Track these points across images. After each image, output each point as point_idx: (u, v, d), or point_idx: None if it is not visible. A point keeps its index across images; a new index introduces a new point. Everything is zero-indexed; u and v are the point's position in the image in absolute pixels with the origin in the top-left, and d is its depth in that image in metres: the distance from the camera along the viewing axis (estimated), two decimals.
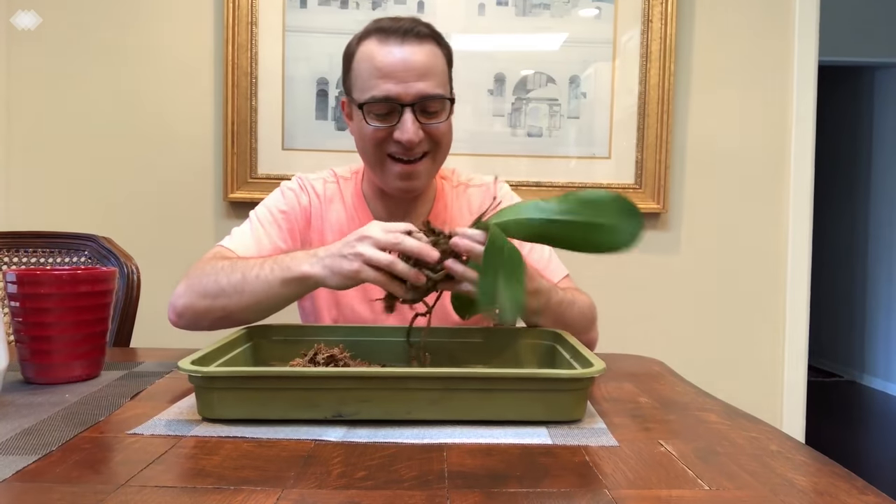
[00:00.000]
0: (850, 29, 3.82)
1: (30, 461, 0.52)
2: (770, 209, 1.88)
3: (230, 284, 0.87)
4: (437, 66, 1.00)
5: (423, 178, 1.03)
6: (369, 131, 0.99)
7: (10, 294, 0.76)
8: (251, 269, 0.87)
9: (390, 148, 1.00)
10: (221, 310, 0.88)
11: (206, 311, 0.89)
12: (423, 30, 1.00)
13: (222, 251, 1.00)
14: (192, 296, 0.90)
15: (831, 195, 4.62)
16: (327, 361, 0.75)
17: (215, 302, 0.88)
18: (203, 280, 0.90)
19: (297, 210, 1.09)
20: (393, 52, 0.97)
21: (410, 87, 0.96)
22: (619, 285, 1.87)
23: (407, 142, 0.97)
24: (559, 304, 0.93)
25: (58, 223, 1.79)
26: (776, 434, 0.62)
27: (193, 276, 0.92)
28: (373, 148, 1.01)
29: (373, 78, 0.97)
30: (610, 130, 1.84)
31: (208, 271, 0.91)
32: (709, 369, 1.86)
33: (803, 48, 1.85)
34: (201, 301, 0.89)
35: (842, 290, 4.59)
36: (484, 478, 0.50)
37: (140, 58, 1.83)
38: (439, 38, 1.03)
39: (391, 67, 0.96)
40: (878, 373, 4.23)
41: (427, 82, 0.97)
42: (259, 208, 1.09)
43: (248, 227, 1.06)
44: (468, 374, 0.65)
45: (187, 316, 0.91)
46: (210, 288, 0.89)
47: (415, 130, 0.97)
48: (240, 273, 0.87)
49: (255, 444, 0.57)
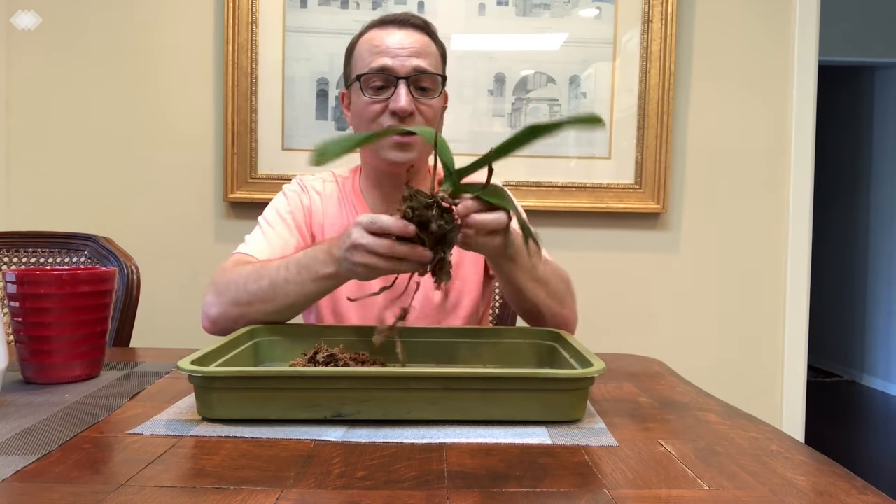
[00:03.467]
0: (850, 29, 3.82)
1: (30, 461, 0.52)
2: (770, 209, 1.88)
3: (261, 290, 0.89)
4: (432, 50, 1.06)
5: (416, 151, 1.04)
6: (365, 104, 1.03)
7: (10, 294, 0.76)
8: (277, 274, 0.89)
9: (385, 121, 1.03)
10: (257, 313, 0.90)
11: (241, 317, 0.91)
12: (419, 21, 1.07)
13: (242, 258, 1.02)
14: (224, 305, 0.92)
15: (831, 195, 4.62)
16: (327, 361, 0.75)
17: (249, 308, 0.90)
18: (231, 288, 0.92)
19: (301, 209, 1.12)
20: (391, 33, 1.04)
21: (406, 61, 1.02)
22: (619, 285, 1.87)
23: (400, 110, 1.00)
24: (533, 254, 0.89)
25: (58, 223, 1.80)
26: (776, 434, 0.62)
27: (221, 284, 0.94)
28: (369, 122, 1.04)
29: (371, 55, 1.03)
30: (610, 130, 1.84)
31: (235, 279, 0.93)
32: (709, 369, 1.86)
33: (803, 48, 1.85)
34: (234, 309, 0.91)
35: (842, 290, 4.59)
36: (483, 478, 0.50)
37: (140, 58, 1.83)
38: (434, 34, 1.09)
39: (388, 44, 1.03)
40: (878, 373, 4.23)
41: (421, 59, 1.03)
42: (266, 212, 1.12)
43: (260, 231, 1.08)
44: (468, 374, 0.65)
45: (222, 323, 0.93)
46: (241, 296, 0.91)
47: (408, 101, 1.01)
48: (267, 279, 0.89)
49: (254, 444, 0.57)
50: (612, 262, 1.87)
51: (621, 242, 1.87)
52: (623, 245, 1.87)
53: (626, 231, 1.87)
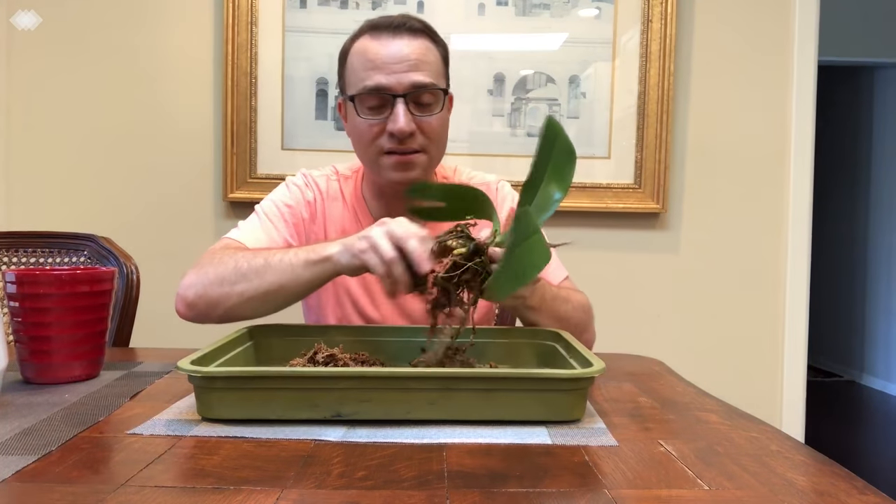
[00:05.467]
0: (850, 29, 3.82)
1: (29, 461, 0.52)
2: (770, 209, 1.88)
3: (252, 269, 0.86)
4: (431, 58, 0.99)
5: (419, 170, 1.01)
6: (363, 126, 0.99)
7: (10, 294, 0.76)
8: (274, 255, 0.87)
9: (384, 143, 0.98)
10: (238, 296, 0.86)
11: (222, 299, 0.88)
12: (416, 24, 1.00)
13: (232, 243, 0.99)
14: (207, 284, 0.88)
15: (831, 195, 4.62)
16: (327, 361, 0.75)
17: (233, 288, 0.86)
18: (219, 268, 0.88)
19: (302, 204, 1.09)
20: (385, 44, 0.97)
21: (402, 77, 0.95)
22: (619, 285, 1.87)
23: (398, 131, 0.95)
24: (553, 299, 0.93)
25: (58, 223, 1.79)
26: (776, 434, 0.62)
27: (206, 264, 0.91)
28: (367, 144, 1.00)
29: (365, 70, 0.97)
30: (610, 130, 1.84)
31: (225, 259, 0.89)
32: (708, 369, 1.86)
33: (803, 48, 1.85)
34: (216, 289, 0.88)
35: (842, 290, 4.59)
36: (483, 478, 0.50)
37: (140, 58, 1.83)
38: (434, 34, 1.02)
39: (383, 59, 0.96)
40: (878, 373, 4.23)
41: (419, 73, 0.96)
42: (265, 202, 1.09)
43: (256, 220, 1.06)
44: (468, 374, 0.65)
45: (199, 306, 0.89)
46: (228, 274, 0.87)
47: (407, 121, 0.95)
48: (262, 258, 0.87)
49: (254, 444, 0.57)
50: (611, 262, 1.87)
51: (621, 242, 1.87)
52: (623, 245, 1.87)
53: (626, 231, 1.87)
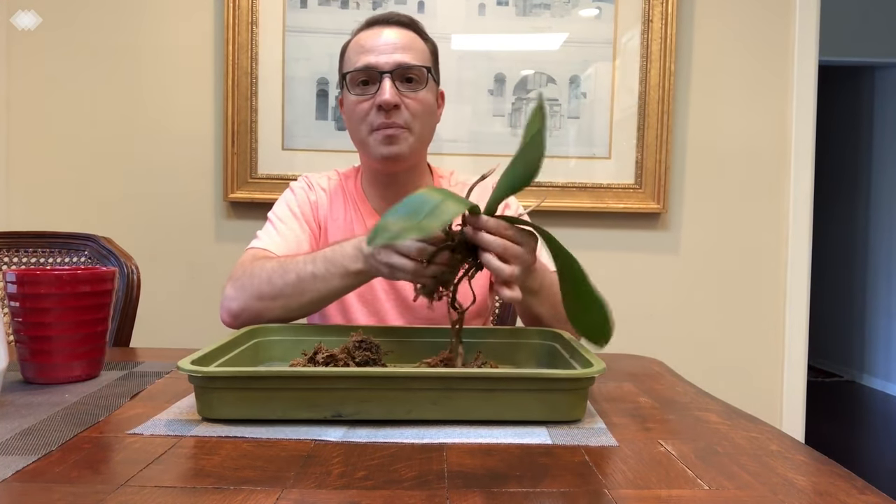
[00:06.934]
0: (850, 29, 3.82)
1: (30, 461, 0.52)
2: (770, 209, 1.88)
3: (287, 285, 0.90)
4: (418, 46, 1.08)
5: (405, 145, 1.05)
6: (354, 103, 1.05)
7: (10, 294, 0.76)
8: (304, 269, 0.89)
9: (373, 119, 1.04)
10: (281, 308, 0.91)
11: (264, 311, 0.91)
12: (405, 19, 1.10)
13: (259, 252, 1.02)
14: (248, 298, 0.92)
15: (831, 195, 4.62)
16: (327, 361, 0.75)
17: (274, 303, 0.91)
18: (255, 282, 0.92)
19: (308, 205, 1.14)
20: (376, 32, 1.06)
21: (389, 56, 1.03)
22: (619, 285, 1.87)
23: (384, 102, 1.01)
24: (552, 285, 0.92)
25: (58, 223, 1.80)
26: (776, 434, 0.62)
27: (242, 278, 0.94)
28: (359, 122, 1.06)
29: (357, 55, 1.06)
30: (610, 130, 1.84)
31: (258, 273, 0.93)
32: (708, 369, 1.86)
33: (803, 48, 1.85)
34: (258, 303, 0.91)
35: (842, 290, 4.59)
36: (484, 478, 0.50)
37: (140, 58, 1.83)
38: (422, 31, 1.11)
39: (373, 42, 1.05)
40: (878, 373, 4.23)
41: (406, 54, 1.04)
42: (276, 208, 1.13)
43: (272, 227, 1.09)
44: (468, 374, 0.65)
45: (244, 317, 0.93)
46: (265, 290, 0.91)
47: (392, 93, 1.02)
48: (293, 274, 0.90)
49: (254, 444, 0.57)
50: (612, 263, 1.87)
51: (621, 242, 1.87)
52: (623, 245, 1.87)
53: (626, 231, 1.87)
